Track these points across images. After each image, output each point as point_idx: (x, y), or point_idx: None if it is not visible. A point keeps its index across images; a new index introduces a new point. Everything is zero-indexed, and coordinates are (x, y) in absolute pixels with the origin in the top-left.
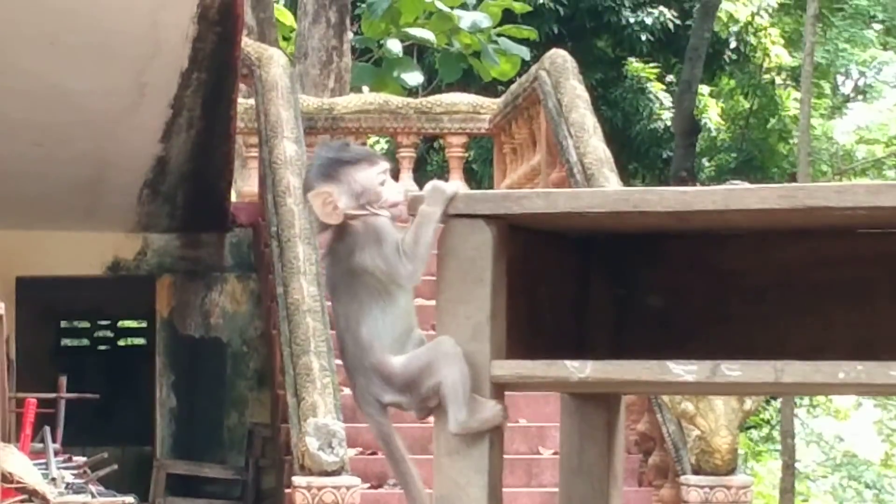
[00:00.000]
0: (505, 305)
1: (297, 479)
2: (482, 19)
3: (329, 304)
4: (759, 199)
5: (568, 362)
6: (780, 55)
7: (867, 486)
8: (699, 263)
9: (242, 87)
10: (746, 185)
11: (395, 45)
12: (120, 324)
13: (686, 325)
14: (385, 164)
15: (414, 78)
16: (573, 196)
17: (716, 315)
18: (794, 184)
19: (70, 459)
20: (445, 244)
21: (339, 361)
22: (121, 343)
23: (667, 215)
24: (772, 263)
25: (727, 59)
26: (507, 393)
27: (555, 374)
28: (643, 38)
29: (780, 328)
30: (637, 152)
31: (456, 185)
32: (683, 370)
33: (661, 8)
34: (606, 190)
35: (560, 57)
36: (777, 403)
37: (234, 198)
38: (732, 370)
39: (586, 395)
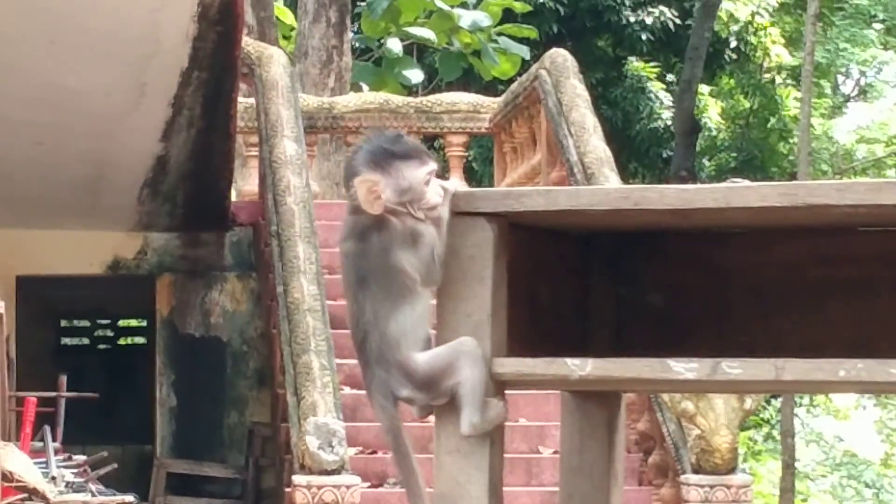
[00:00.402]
0: (505, 303)
1: (298, 478)
2: (482, 18)
3: (343, 294)
4: (760, 197)
5: (569, 360)
6: (780, 55)
7: (867, 486)
8: (700, 261)
9: (242, 86)
10: (747, 183)
11: (395, 45)
12: (120, 323)
13: (686, 322)
14: (434, 165)
15: (414, 77)
16: (574, 194)
17: (716, 313)
18: (794, 182)
19: (70, 458)
20: (446, 242)
21: (339, 361)
22: (121, 342)
23: (667, 213)
24: (772, 261)
25: (727, 59)
26: (507, 392)
27: (555, 371)
28: (643, 37)
29: (780, 326)
30: (637, 152)
31: (454, 182)
32: (684, 368)
33: (662, 7)
34: (607, 188)
35: (560, 56)
36: (777, 403)
37: (234, 197)
38: (733, 368)
39: (587, 394)
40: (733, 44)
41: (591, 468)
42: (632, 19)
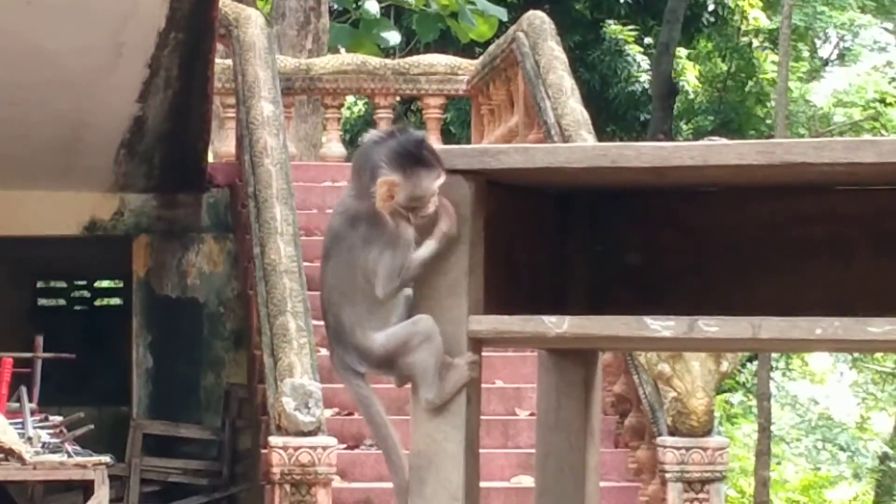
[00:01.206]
0: (483, 261)
1: (274, 440)
2: None
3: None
4: (737, 155)
5: (545, 317)
6: (758, 18)
7: (842, 449)
8: (677, 220)
9: (220, 47)
10: (724, 141)
11: (372, 6)
12: (96, 284)
13: (663, 281)
14: (444, 176)
15: (391, 38)
16: (551, 151)
17: (693, 271)
18: (771, 140)
19: (46, 419)
20: None
21: (316, 322)
22: (97, 303)
23: (644, 171)
24: (750, 220)
25: (705, 22)
26: (484, 354)
27: (532, 329)
28: (621, 0)
29: (757, 285)
30: (615, 114)
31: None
32: (660, 326)
33: None
34: (584, 145)
35: (538, 18)
36: (753, 366)
37: (211, 158)
38: (709, 326)
39: (563, 352)
40: (711, 7)
41: (567, 426)
42: None
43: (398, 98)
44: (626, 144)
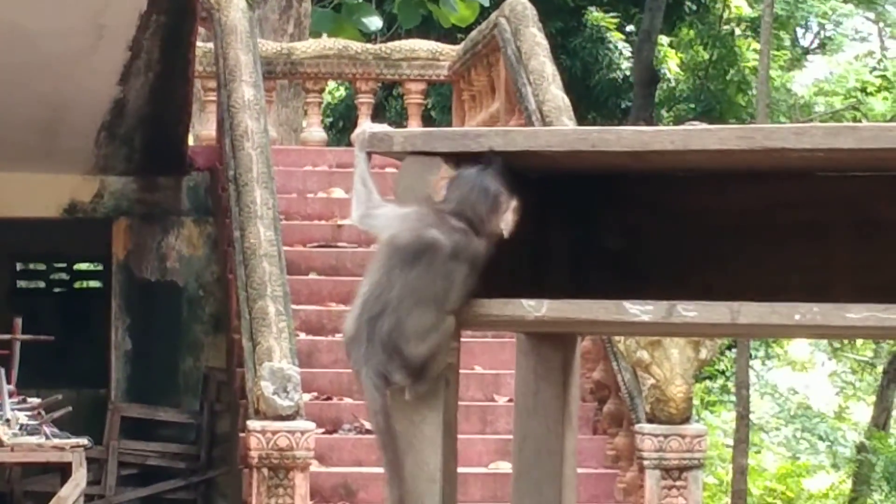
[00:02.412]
0: None
1: (252, 424)
2: None
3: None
4: (718, 140)
5: (524, 301)
6: (739, 6)
7: (821, 439)
8: (657, 205)
9: (201, 30)
10: (705, 126)
11: None
12: (76, 266)
13: (643, 265)
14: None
15: (373, 24)
16: (531, 135)
17: (673, 256)
18: (752, 125)
19: (24, 401)
20: (402, 182)
21: (295, 307)
22: (77, 286)
23: (625, 155)
24: (730, 206)
25: (687, 10)
26: (463, 340)
27: (511, 312)
28: None
29: (737, 270)
30: (596, 102)
31: (379, 126)
32: (640, 310)
33: None
34: (565, 129)
35: (520, 4)
36: (732, 354)
37: (191, 141)
38: (688, 311)
39: (542, 336)
40: None
41: (545, 410)
42: None
43: (379, 83)
44: (607, 129)
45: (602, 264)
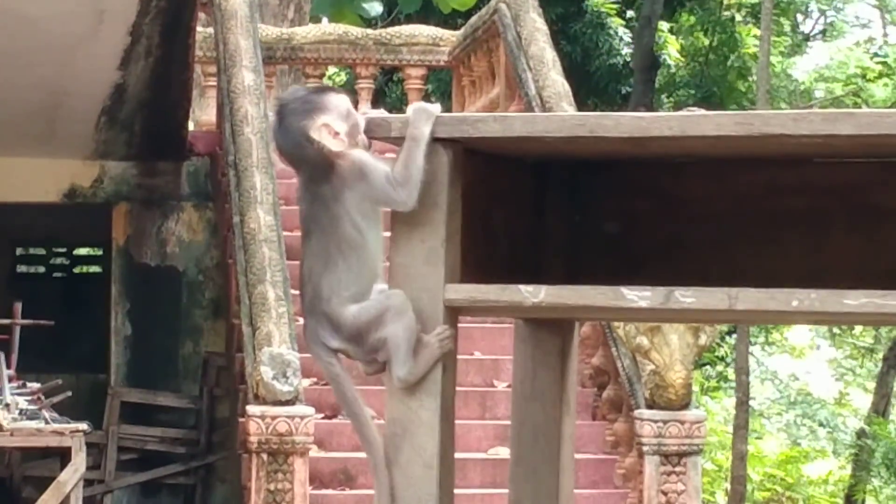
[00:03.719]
0: (460, 230)
1: (252, 409)
2: None
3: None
4: (716, 126)
5: (522, 287)
6: None
7: (821, 425)
8: (655, 191)
9: (201, 15)
10: (703, 111)
11: None
12: (76, 251)
13: (641, 251)
14: (344, 94)
15: (373, 9)
16: (530, 120)
17: (671, 242)
18: (750, 111)
19: (24, 386)
20: None
21: (294, 291)
22: (76, 270)
23: (623, 141)
24: (728, 191)
25: None
26: (461, 325)
27: (509, 298)
28: None
29: (734, 256)
30: (596, 87)
31: (437, 106)
32: (637, 296)
33: None
34: (563, 115)
35: None
36: (732, 340)
37: (191, 126)
38: (686, 297)
39: (540, 322)
40: None
41: (543, 396)
42: None
43: (379, 68)
44: (605, 114)
45: (600, 250)
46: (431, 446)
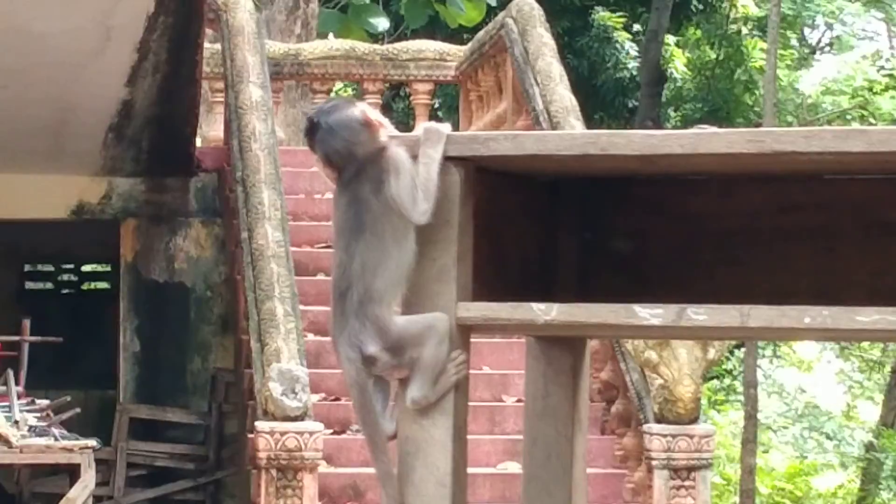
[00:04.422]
0: (471, 248)
1: (260, 425)
2: None
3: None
4: (727, 144)
5: (534, 305)
6: (746, 5)
7: (828, 437)
8: (666, 207)
9: (209, 31)
10: (714, 129)
11: None
12: (84, 267)
13: (652, 268)
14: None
15: (380, 24)
16: (541, 139)
17: (682, 259)
18: (761, 128)
19: (33, 402)
20: None
21: (303, 307)
22: (85, 287)
23: (634, 159)
24: (739, 208)
25: (694, 9)
26: (471, 340)
27: (521, 316)
28: None
29: (746, 273)
30: (603, 101)
31: (447, 126)
32: (649, 314)
33: None
34: (574, 133)
35: (527, 5)
36: (740, 353)
37: (199, 143)
38: (698, 314)
39: (552, 339)
40: None
41: (555, 413)
42: None
43: (386, 83)
44: (616, 132)
45: (611, 267)
46: (444, 464)
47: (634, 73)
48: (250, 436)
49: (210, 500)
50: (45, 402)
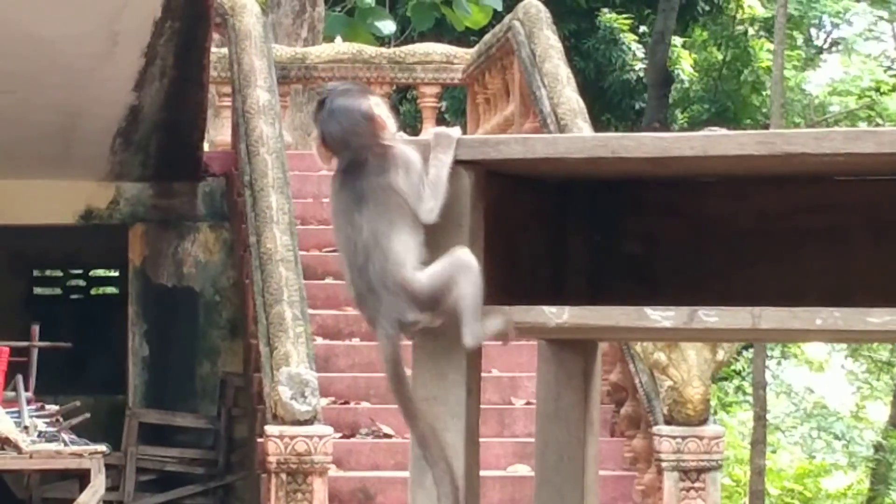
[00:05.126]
0: (483, 251)
1: (270, 429)
2: None
3: (335, 222)
4: (738, 146)
5: (546, 308)
6: (753, 6)
7: (837, 438)
8: (677, 210)
9: (215, 36)
10: (724, 131)
11: None
12: (92, 273)
13: (663, 271)
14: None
15: (387, 27)
16: (551, 142)
17: (693, 261)
18: (772, 130)
19: (42, 408)
20: None
21: (312, 311)
22: (93, 292)
23: (645, 161)
24: (749, 210)
25: (700, 11)
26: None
27: (532, 319)
28: None
29: (757, 275)
30: (610, 103)
31: (457, 130)
32: (661, 316)
33: None
34: (584, 136)
35: (534, 7)
36: (748, 354)
37: (206, 147)
38: (710, 316)
39: (563, 342)
40: None
41: (566, 416)
42: None
43: (394, 87)
44: (626, 135)
45: (622, 269)
46: (457, 468)
47: (641, 74)
48: (260, 440)
49: None
50: (55, 407)
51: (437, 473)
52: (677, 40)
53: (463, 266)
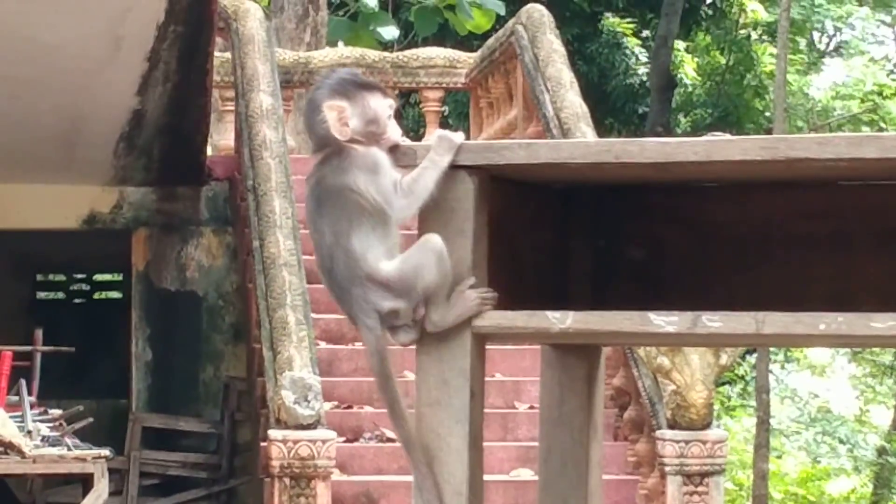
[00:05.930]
0: (486, 257)
1: (273, 433)
2: None
3: (307, 229)
4: (741, 151)
5: (549, 313)
6: (756, 10)
7: (841, 442)
8: (680, 215)
9: (219, 40)
10: (727, 136)
11: None
12: (96, 277)
13: (667, 276)
14: (394, 102)
15: (390, 32)
16: (555, 147)
17: (696, 266)
18: (775, 135)
19: (45, 412)
20: None
21: (315, 315)
22: (96, 296)
23: (648, 166)
24: (753, 215)
25: (703, 15)
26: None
27: (536, 324)
28: None
29: (760, 280)
30: (613, 107)
31: (461, 135)
32: (664, 321)
33: None
34: (588, 141)
35: (537, 11)
36: (752, 359)
37: (210, 151)
38: (713, 321)
39: (567, 347)
40: (709, 0)
41: (570, 420)
42: None
43: (397, 91)
44: (630, 140)
45: (625, 274)
46: (461, 473)
47: (644, 78)
48: (263, 444)
49: None
50: (58, 411)
51: (419, 478)
52: (680, 44)
53: (428, 250)
